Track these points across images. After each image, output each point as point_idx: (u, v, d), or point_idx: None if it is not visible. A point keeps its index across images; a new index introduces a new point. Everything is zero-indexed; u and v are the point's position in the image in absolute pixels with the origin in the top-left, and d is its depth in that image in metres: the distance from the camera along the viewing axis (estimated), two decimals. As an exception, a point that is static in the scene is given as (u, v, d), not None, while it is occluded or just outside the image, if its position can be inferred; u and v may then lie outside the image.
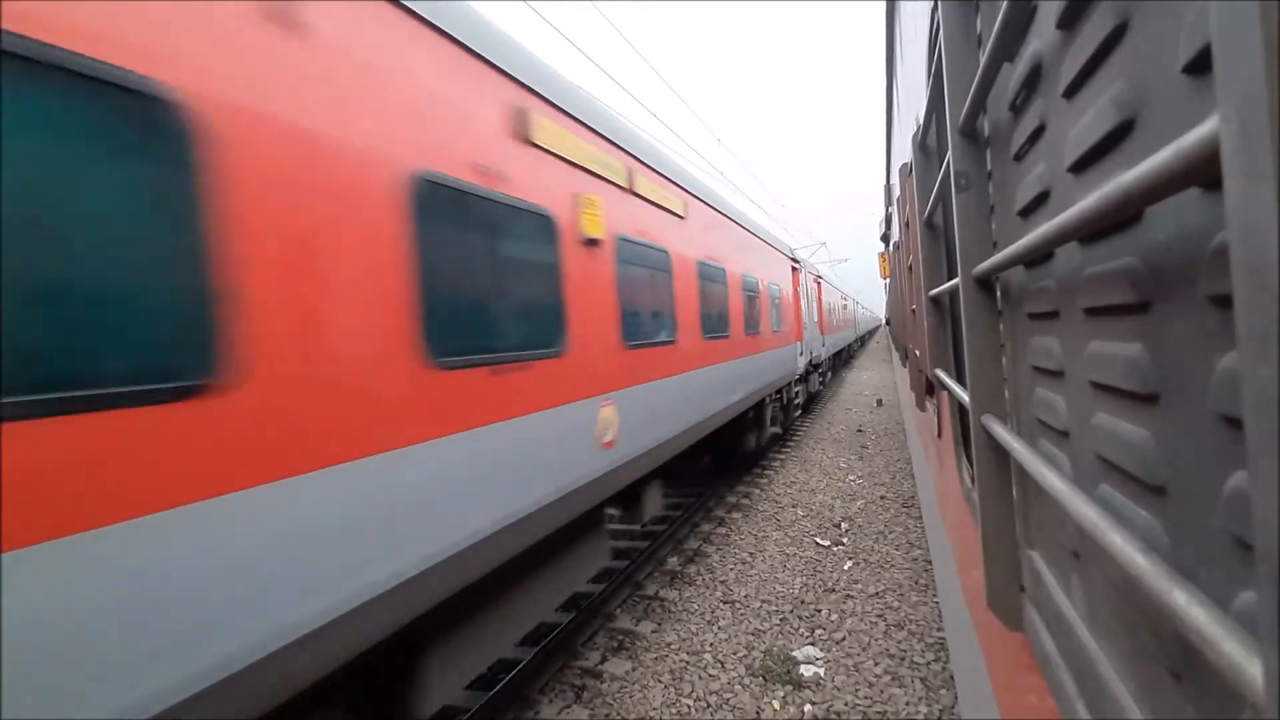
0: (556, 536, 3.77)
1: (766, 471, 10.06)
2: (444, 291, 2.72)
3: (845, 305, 28.89)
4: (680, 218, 5.90)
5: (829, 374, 20.62)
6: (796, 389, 12.81)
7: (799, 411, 13.60)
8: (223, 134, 1.87)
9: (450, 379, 2.73)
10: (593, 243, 4.03)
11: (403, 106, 2.59)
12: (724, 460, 9.31)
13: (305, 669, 2.04)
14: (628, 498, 5.34)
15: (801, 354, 12.62)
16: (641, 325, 4.76)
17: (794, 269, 12.50)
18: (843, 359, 27.97)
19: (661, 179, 5.47)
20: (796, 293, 12.69)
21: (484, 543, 2.87)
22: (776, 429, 10.99)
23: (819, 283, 16.59)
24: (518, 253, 3.29)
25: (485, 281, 3.02)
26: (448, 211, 2.80)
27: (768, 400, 9.87)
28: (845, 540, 6.91)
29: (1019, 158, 1.15)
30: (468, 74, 2.99)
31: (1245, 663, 0.36)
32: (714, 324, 6.70)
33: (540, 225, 3.48)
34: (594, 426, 3.90)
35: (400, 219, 2.52)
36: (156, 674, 1.64)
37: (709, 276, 6.63)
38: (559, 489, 3.47)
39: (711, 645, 4.81)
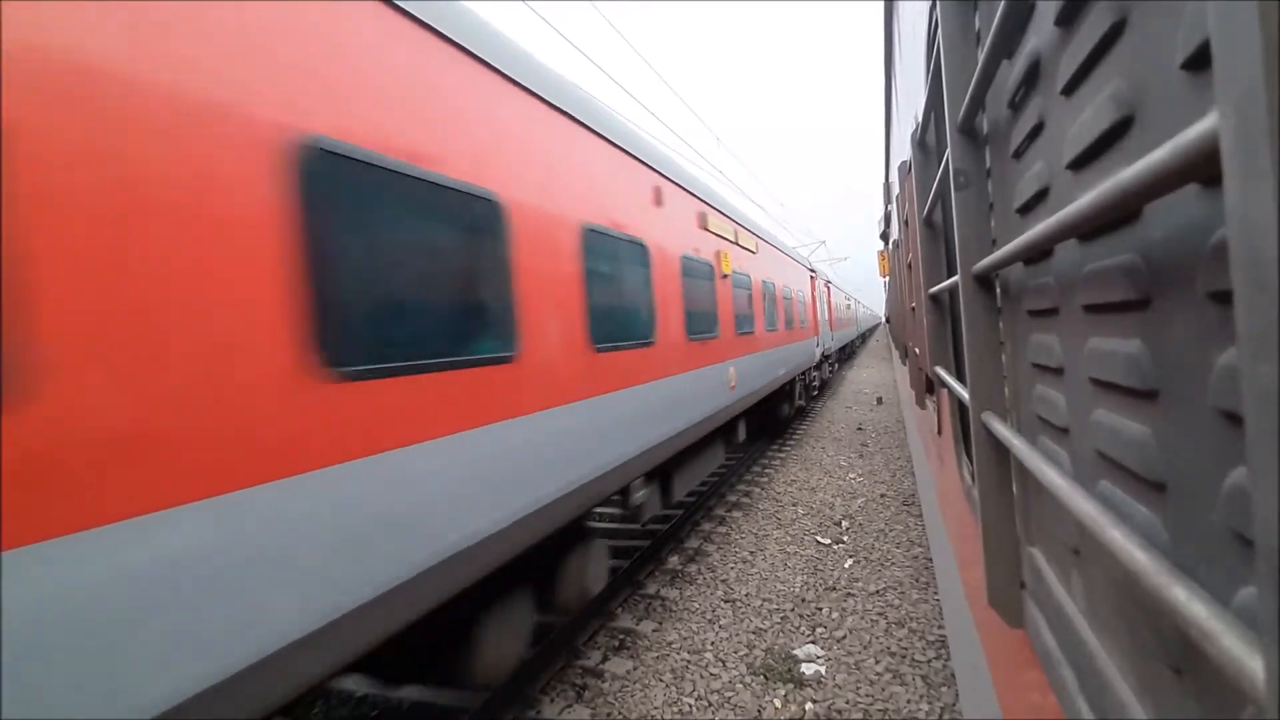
0: (709, 438, 7.16)
1: (767, 470, 10.06)
2: (692, 304, 6.04)
3: (849, 305, 32.54)
4: (754, 253, 9.07)
5: (836, 365, 23.98)
6: (814, 374, 16.28)
7: (815, 393, 17.15)
8: (512, 216, 3.26)
9: (692, 347, 5.95)
10: (725, 276, 7.35)
11: (671, 221, 5.68)
12: (770, 422, 12.07)
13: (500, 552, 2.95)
14: (730, 430, 8.21)
15: (818, 346, 15.78)
16: (739, 324, 7.83)
17: (811, 278, 15.57)
18: (845, 353, 30.71)
19: (748, 232, 8.83)
20: (814, 298, 15.78)
21: (680, 434, 5.47)
22: (801, 403, 14.14)
23: (828, 287, 19.72)
24: (701, 284, 6.41)
25: (701, 298, 6.36)
26: (692, 268, 6.12)
27: (797, 380, 13.19)
28: (846, 538, 6.92)
29: (1018, 155, 1.15)
30: (692, 204, 6.38)
31: (1246, 659, 0.36)
32: (771, 322, 10.00)
33: (709, 271, 6.74)
34: (727, 377, 7.19)
35: (679, 276, 5.72)
36: (456, 529, 2.66)
37: (768, 292, 9.84)
38: (715, 409, 6.60)
39: (713, 644, 4.82)
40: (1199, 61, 0.53)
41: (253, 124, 1.98)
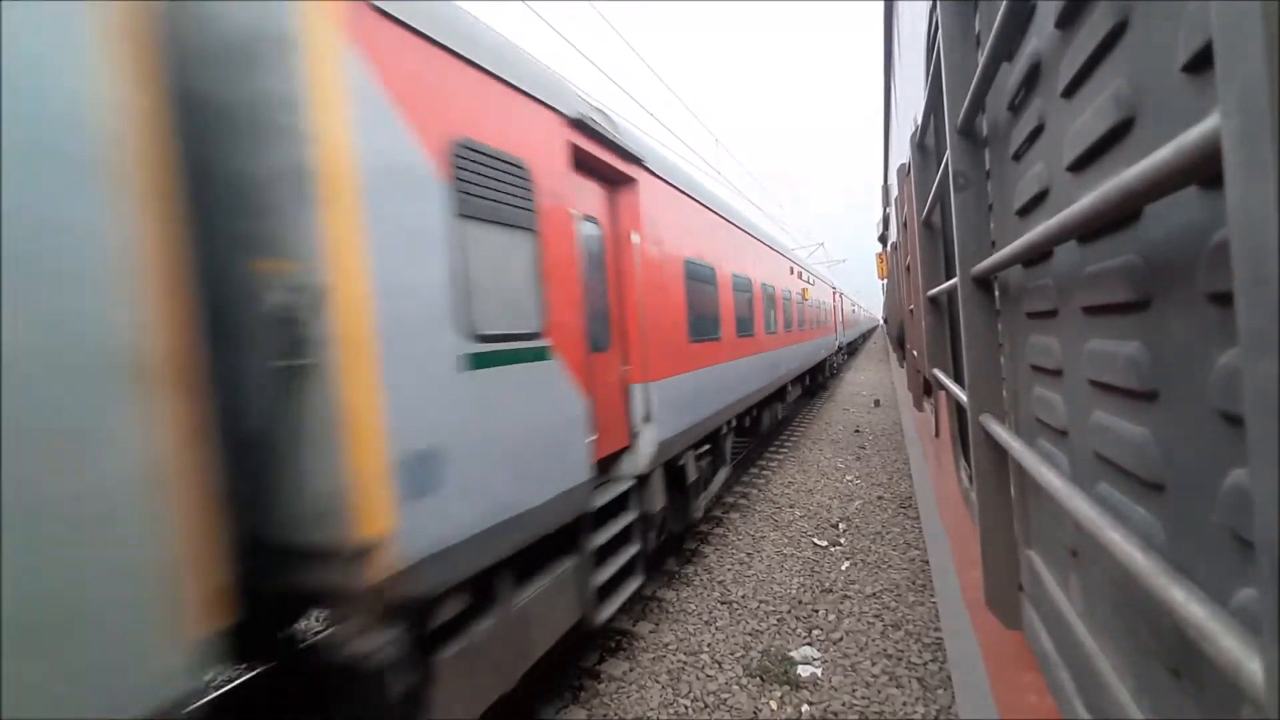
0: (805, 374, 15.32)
1: (764, 472, 10.07)
2: (799, 314, 13.12)
3: (854, 309, 42.62)
4: (809, 285, 15.65)
5: (844, 356, 32.32)
6: (834, 357, 24.88)
7: (832, 375, 24.77)
8: (718, 275, 7.49)
9: (792, 335, 12.47)
10: (804, 299, 14.32)
11: (783, 274, 11.87)
12: (812, 384, 18.79)
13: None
14: (800, 380, 14.35)
15: (837, 339, 24.26)
16: (804, 324, 14.23)
17: (833, 292, 23.88)
18: (847, 350, 37.68)
19: (807, 272, 15.94)
20: (835, 307, 23.91)
21: (796, 376, 13.16)
22: (823, 379, 21.28)
23: (842, 298, 28.80)
24: (796, 306, 13.12)
25: (795, 314, 12.84)
26: (794, 296, 13.01)
27: (826, 361, 21.04)
28: (843, 541, 6.92)
29: (1018, 157, 1.15)
30: (787, 263, 12.53)
31: (1245, 659, 0.36)
32: (821, 322, 18.21)
33: (788, 299, 11.92)
34: (809, 349, 14.90)
35: (798, 301, 13.27)
36: (713, 403, 6.83)
37: (816, 304, 16.87)
38: (802, 367, 13.98)
39: (709, 645, 4.81)
40: (1199, 63, 0.53)
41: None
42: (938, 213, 2.48)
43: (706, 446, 6.82)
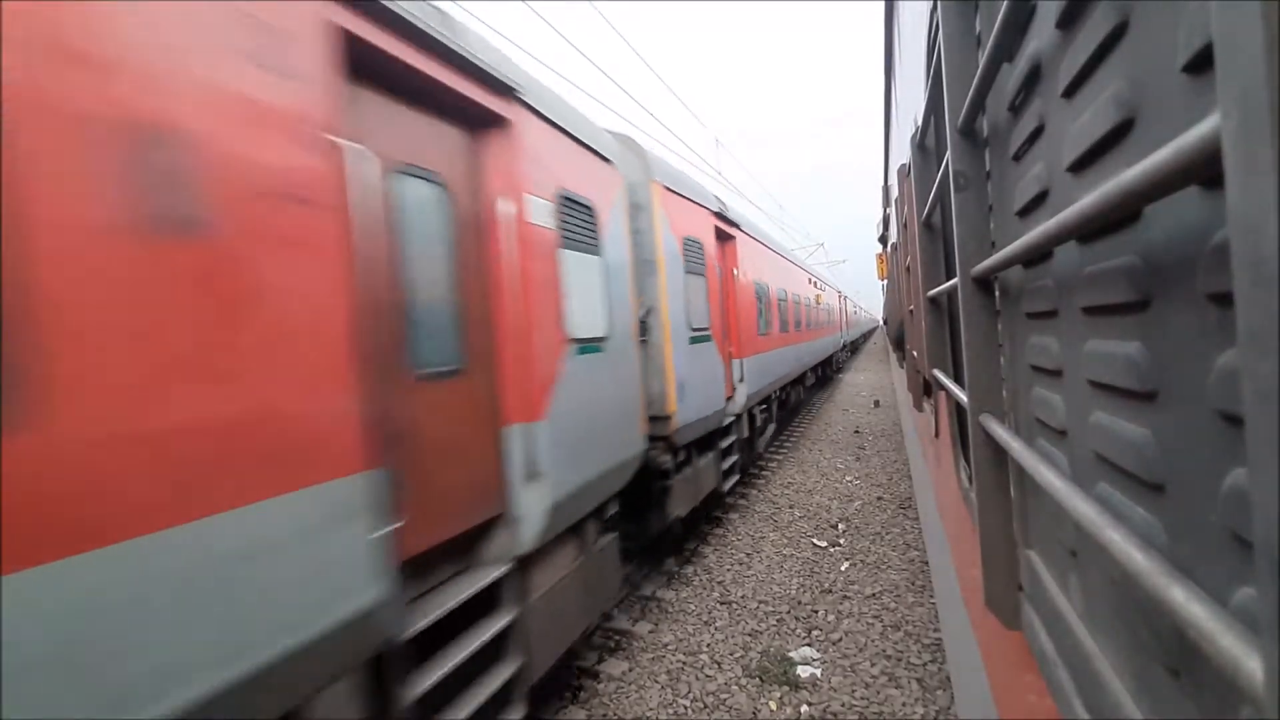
0: (819, 365, 19.40)
1: (764, 472, 10.07)
2: (809, 316, 16.14)
3: (856, 311, 47.02)
4: (821, 292, 19.11)
5: (848, 353, 36.66)
6: (838, 355, 28.23)
7: (838, 370, 28.34)
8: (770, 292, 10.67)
9: (806, 333, 14.95)
10: (816, 305, 17.30)
11: (804, 282, 15.67)
12: (823, 374, 21.97)
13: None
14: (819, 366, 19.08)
15: (842, 336, 28.02)
16: (817, 325, 17.08)
17: (839, 295, 27.78)
18: (850, 348, 41.01)
19: (820, 281, 20.46)
20: (841, 309, 28.03)
21: (821, 361, 18.63)
22: (832, 371, 25.51)
23: (844, 299, 32.24)
24: (811, 310, 16.24)
25: (812, 316, 16.06)
26: (809, 301, 16.25)
27: (834, 355, 25.00)
28: (842, 541, 6.92)
29: (1018, 158, 1.15)
30: (806, 275, 16.53)
31: (1244, 658, 0.36)
32: (830, 323, 21.91)
33: (807, 305, 15.37)
34: (821, 346, 18.21)
35: (812, 305, 16.60)
36: (780, 371, 11.47)
37: (826, 307, 20.21)
38: (818, 358, 17.52)
39: (708, 646, 4.81)
40: (1200, 64, 0.53)
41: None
42: (938, 213, 2.48)
43: (763, 407, 10.10)
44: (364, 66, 2.53)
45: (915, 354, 4.11)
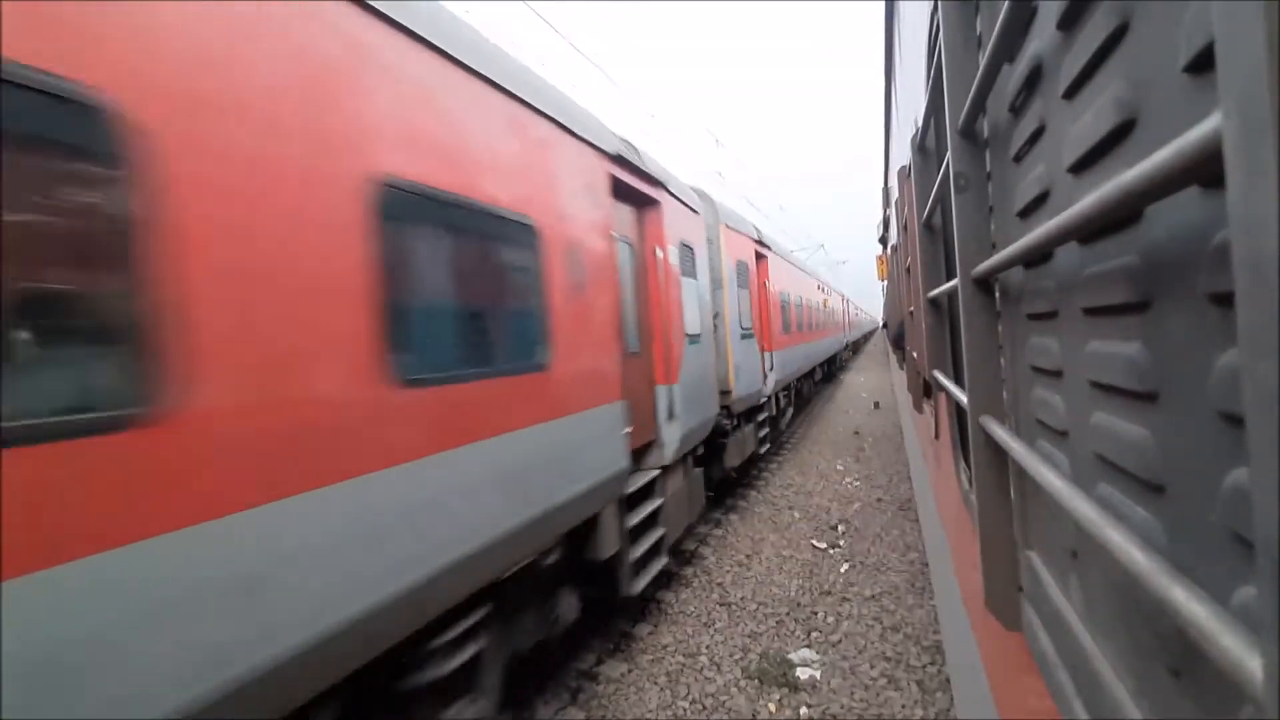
0: (826, 362, 22.01)
1: (764, 474, 10.07)
2: (817, 317, 18.49)
3: (856, 313, 50.11)
4: (827, 297, 21.57)
5: (850, 351, 38.39)
6: (841, 354, 30.18)
7: (840, 368, 30.31)
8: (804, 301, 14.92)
9: (814, 334, 17.04)
10: (825, 306, 20.26)
11: (815, 289, 18.87)
12: (827, 372, 23.22)
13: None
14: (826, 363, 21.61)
15: (845, 336, 30.34)
16: (824, 326, 19.62)
17: (842, 298, 29.99)
18: (849, 348, 42.55)
19: (827, 287, 23.38)
20: (843, 311, 30.13)
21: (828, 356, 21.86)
22: (838, 367, 27.91)
23: (847, 302, 34.96)
24: (819, 313, 19.02)
25: (820, 319, 18.76)
26: (819, 305, 18.96)
27: (838, 354, 26.97)
28: (842, 543, 6.92)
29: (1018, 158, 1.15)
30: (817, 282, 19.95)
31: (1245, 658, 0.36)
32: (835, 324, 24.63)
33: (817, 309, 18.16)
34: (826, 345, 20.51)
35: (822, 308, 19.54)
36: (804, 363, 15.23)
37: (832, 311, 22.76)
38: (825, 356, 20.69)
39: (708, 647, 4.81)
40: (1201, 64, 0.53)
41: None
42: (938, 214, 2.48)
43: (785, 392, 12.22)
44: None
45: (915, 355, 4.11)
